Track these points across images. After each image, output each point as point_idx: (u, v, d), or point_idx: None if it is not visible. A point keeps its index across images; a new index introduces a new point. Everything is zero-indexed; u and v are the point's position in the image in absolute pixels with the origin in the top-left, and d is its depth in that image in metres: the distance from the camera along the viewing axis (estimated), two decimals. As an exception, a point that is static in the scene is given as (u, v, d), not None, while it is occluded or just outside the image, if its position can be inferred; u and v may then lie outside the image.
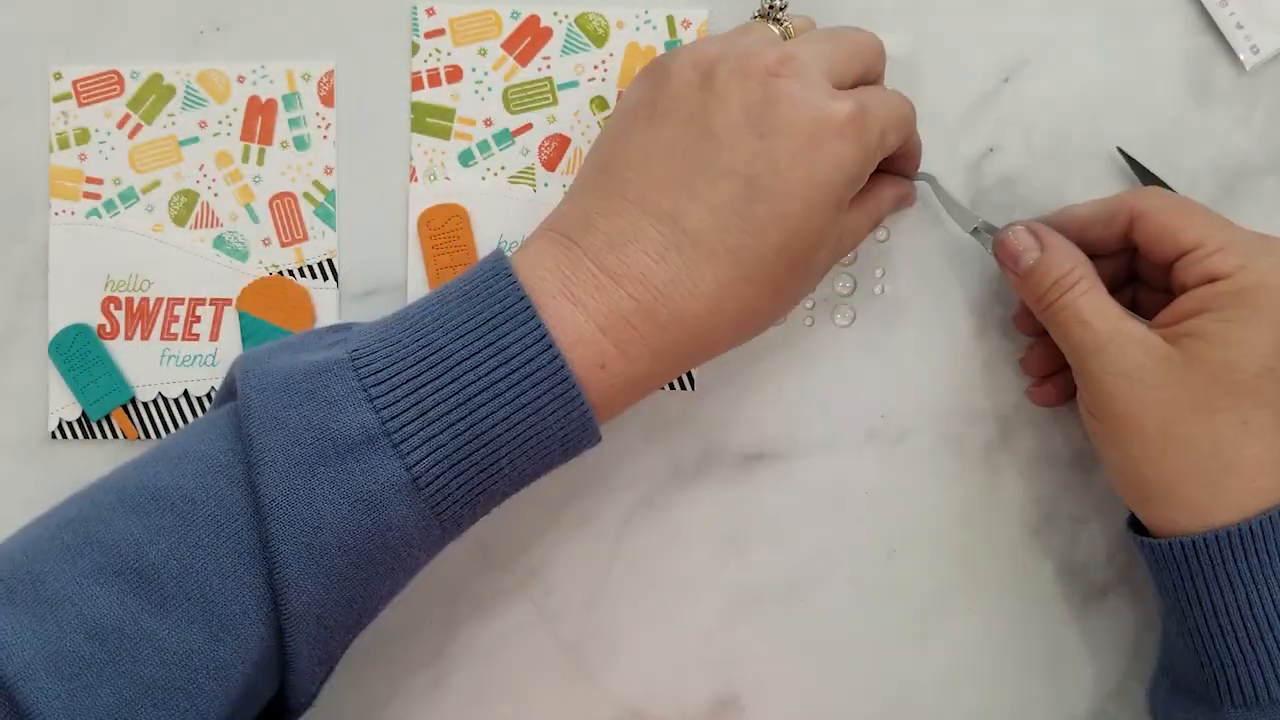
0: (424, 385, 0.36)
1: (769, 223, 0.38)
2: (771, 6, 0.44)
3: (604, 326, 0.38)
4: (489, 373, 0.37)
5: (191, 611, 0.35)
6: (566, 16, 0.48)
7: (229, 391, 0.39)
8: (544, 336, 0.37)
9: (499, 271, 0.38)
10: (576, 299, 0.38)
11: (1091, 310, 0.41)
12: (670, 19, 0.48)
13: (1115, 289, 0.45)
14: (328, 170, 0.49)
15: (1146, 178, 0.47)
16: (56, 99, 0.49)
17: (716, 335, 0.40)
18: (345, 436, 0.36)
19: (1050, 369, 0.47)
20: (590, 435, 0.39)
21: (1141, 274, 0.45)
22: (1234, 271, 0.40)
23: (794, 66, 0.39)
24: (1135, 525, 0.44)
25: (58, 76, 0.49)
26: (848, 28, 0.43)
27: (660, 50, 0.48)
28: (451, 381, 0.36)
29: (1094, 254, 0.44)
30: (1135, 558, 0.49)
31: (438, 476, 0.37)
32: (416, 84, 0.49)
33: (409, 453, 0.36)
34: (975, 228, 0.46)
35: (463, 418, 0.36)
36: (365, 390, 0.36)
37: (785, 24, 0.42)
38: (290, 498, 0.36)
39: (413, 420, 0.36)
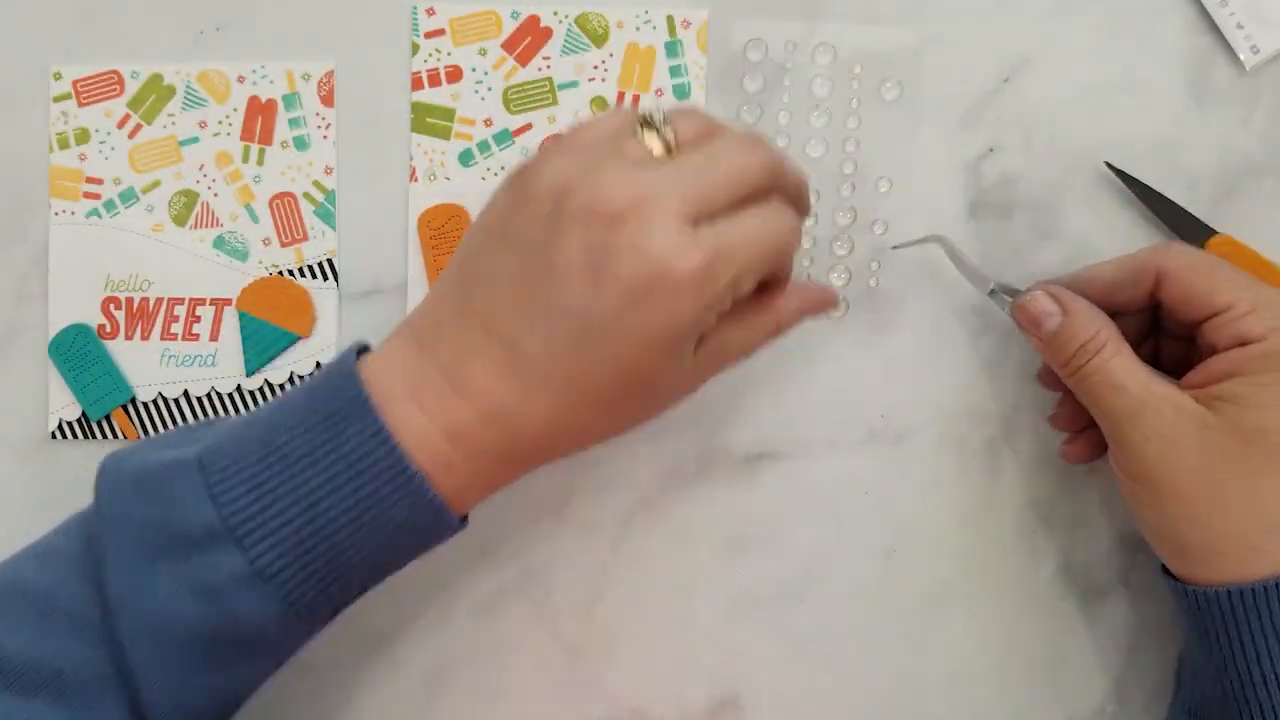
0: (266, 481, 0.38)
1: (601, 363, 0.38)
2: (647, 120, 0.39)
3: (448, 432, 0.38)
4: (328, 467, 0.38)
5: (51, 699, 0.37)
6: (566, 16, 0.48)
7: None
8: (380, 430, 0.38)
9: (343, 370, 0.39)
10: (422, 404, 0.38)
11: (1122, 374, 0.41)
12: (670, 19, 0.48)
13: (1137, 342, 0.44)
14: (328, 170, 0.49)
15: (1137, 189, 0.47)
16: (56, 99, 0.49)
17: (561, 447, 0.40)
18: (188, 532, 0.37)
19: (1081, 424, 0.46)
20: (447, 522, 0.39)
21: (1164, 326, 0.45)
22: (1267, 334, 0.40)
23: (643, 212, 0.37)
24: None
25: (58, 76, 0.49)
26: (740, 141, 0.39)
27: (660, 52, 0.48)
28: (292, 477, 0.38)
29: (1117, 313, 0.43)
30: (1135, 559, 0.49)
31: (283, 569, 0.38)
32: (416, 84, 0.49)
33: (251, 546, 0.37)
34: (992, 289, 0.46)
35: (303, 511, 0.37)
36: (209, 488, 0.38)
37: (665, 136, 0.39)
38: (135, 591, 0.37)
39: (254, 515, 0.37)
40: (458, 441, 0.38)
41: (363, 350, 0.41)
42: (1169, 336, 0.45)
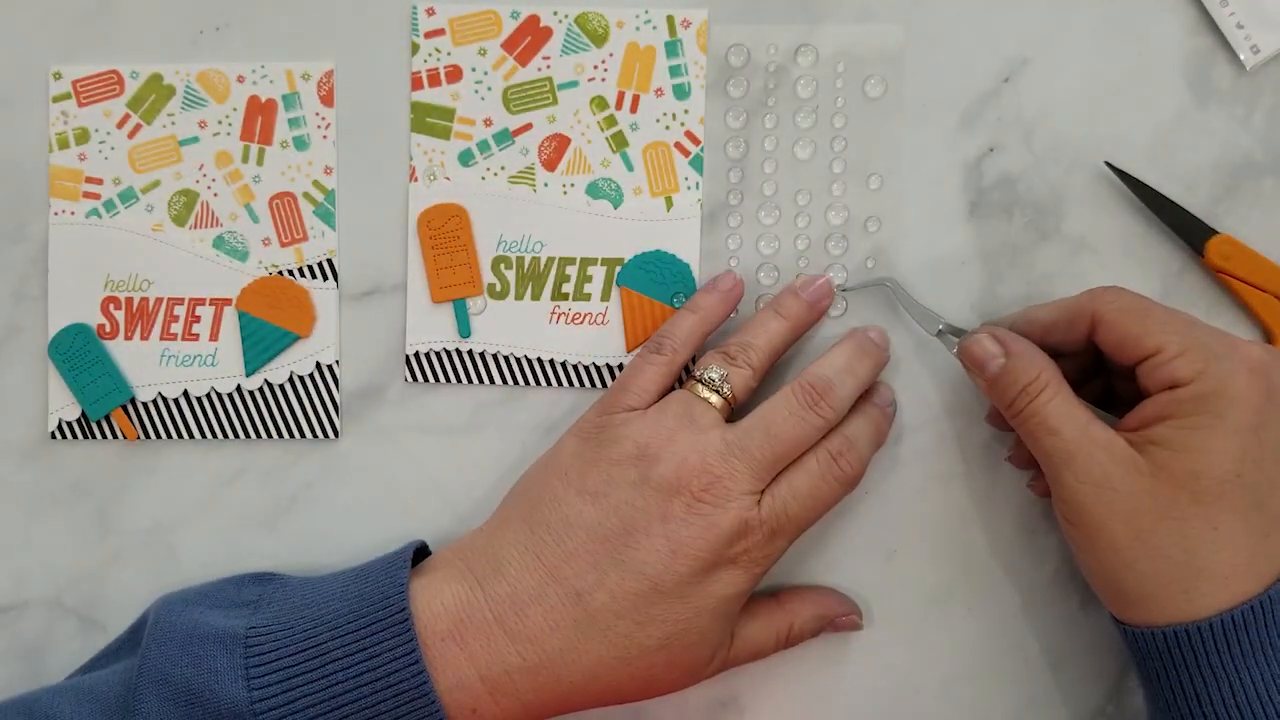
0: (299, 675, 0.40)
1: (659, 622, 0.41)
2: (705, 379, 0.44)
3: (484, 676, 0.41)
4: (358, 676, 0.40)
5: None
6: (566, 16, 0.48)
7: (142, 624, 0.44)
8: (417, 663, 0.40)
9: (395, 584, 0.41)
10: (465, 644, 0.41)
11: (1058, 417, 0.41)
12: (670, 19, 0.48)
13: (1087, 380, 0.45)
14: (327, 170, 0.49)
15: (1137, 189, 0.47)
16: (56, 99, 0.49)
17: (583, 702, 0.43)
18: (218, 708, 0.40)
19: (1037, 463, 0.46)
20: None
21: (1110, 365, 0.45)
22: (1194, 378, 0.39)
23: (720, 491, 0.42)
24: None
25: (57, 76, 0.49)
26: (799, 403, 0.43)
27: (660, 51, 0.48)
28: (324, 677, 0.40)
29: (1059, 354, 0.43)
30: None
31: None
32: (416, 84, 0.49)
33: None
34: (940, 329, 0.46)
35: (326, 714, 0.40)
36: (247, 669, 0.40)
37: (724, 394, 0.44)
38: None
39: (280, 705, 0.39)
40: (491, 684, 0.40)
41: (420, 551, 0.43)
42: (1118, 377, 0.45)
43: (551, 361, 0.49)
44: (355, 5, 0.49)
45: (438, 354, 0.49)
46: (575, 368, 0.49)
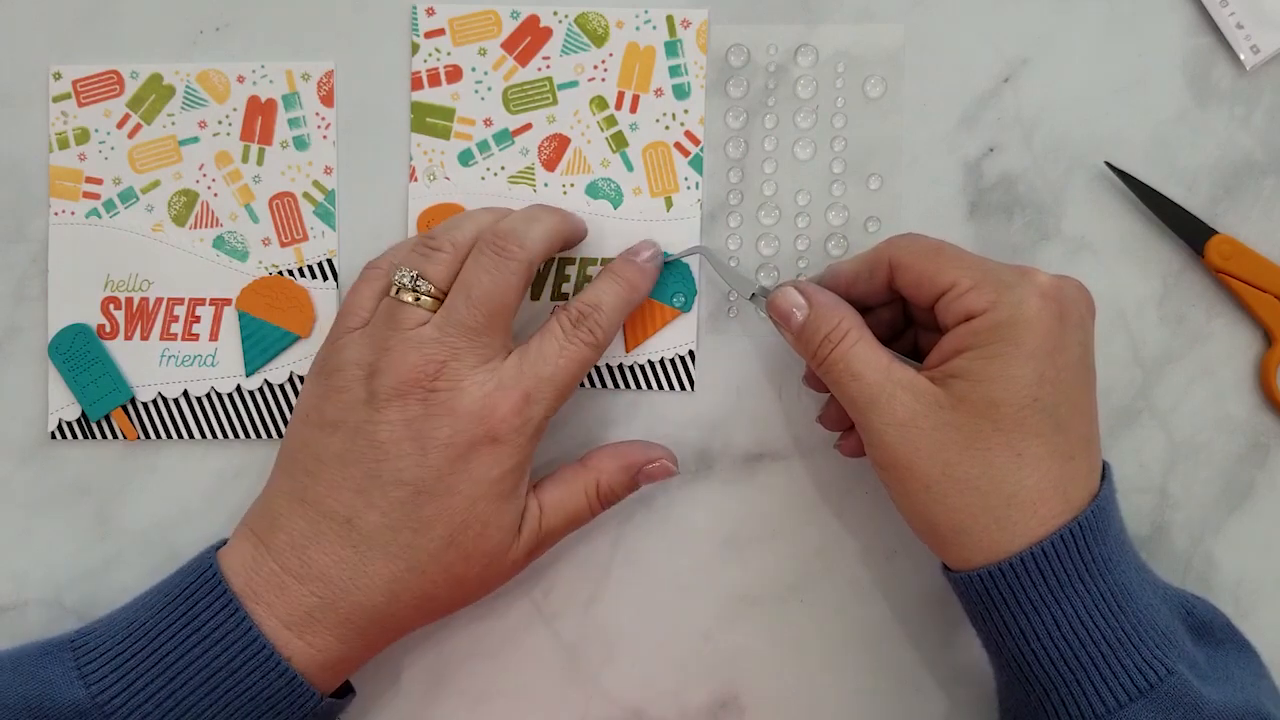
0: (130, 657, 0.41)
1: (435, 521, 0.42)
2: (397, 283, 0.43)
3: (288, 622, 0.41)
4: (185, 639, 0.41)
5: None
6: (566, 16, 0.48)
7: None
8: (231, 601, 0.41)
9: (202, 556, 0.43)
10: (260, 599, 0.41)
11: (861, 362, 0.41)
12: (670, 19, 0.48)
13: (896, 335, 0.45)
14: (327, 170, 0.49)
15: (1137, 189, 0.47)
16: (56, 99, 0.49)
17: (400, 620, 0.43)
18: (60, 715, 0.40)
19: (847, 423, 0.46)
20: (307, 696, 0.42)
21: (914, 318, 0.45)
22: (987, 307, 0.40)
23: (446, 376, 0.42)
24: None
25: (57, 76, 0.49)
26: (487, 256, 0.43)
27: (660, 51, 0.48)
28: (154, 651, 0.41)
29: (867, 306, 0.44)
30: (1135, 558, 0.49)
31: None
32: (416, 83, 0.49)
33: None
34: (754, 293, 0.46)
35: (165, 685, 0.40)
36: (80, 668, 0.41)
37: (422, 290, 0.43)
38: None
39: (120, 692, 0.40)
40: (298, 629, 0.41)
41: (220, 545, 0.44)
42: (923, 328, 0.45)
43: None
44: (355, 5, 0.49)
45: None
46: None
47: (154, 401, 0.49)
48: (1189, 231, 0.48)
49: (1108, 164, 0.48)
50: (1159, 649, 0.39)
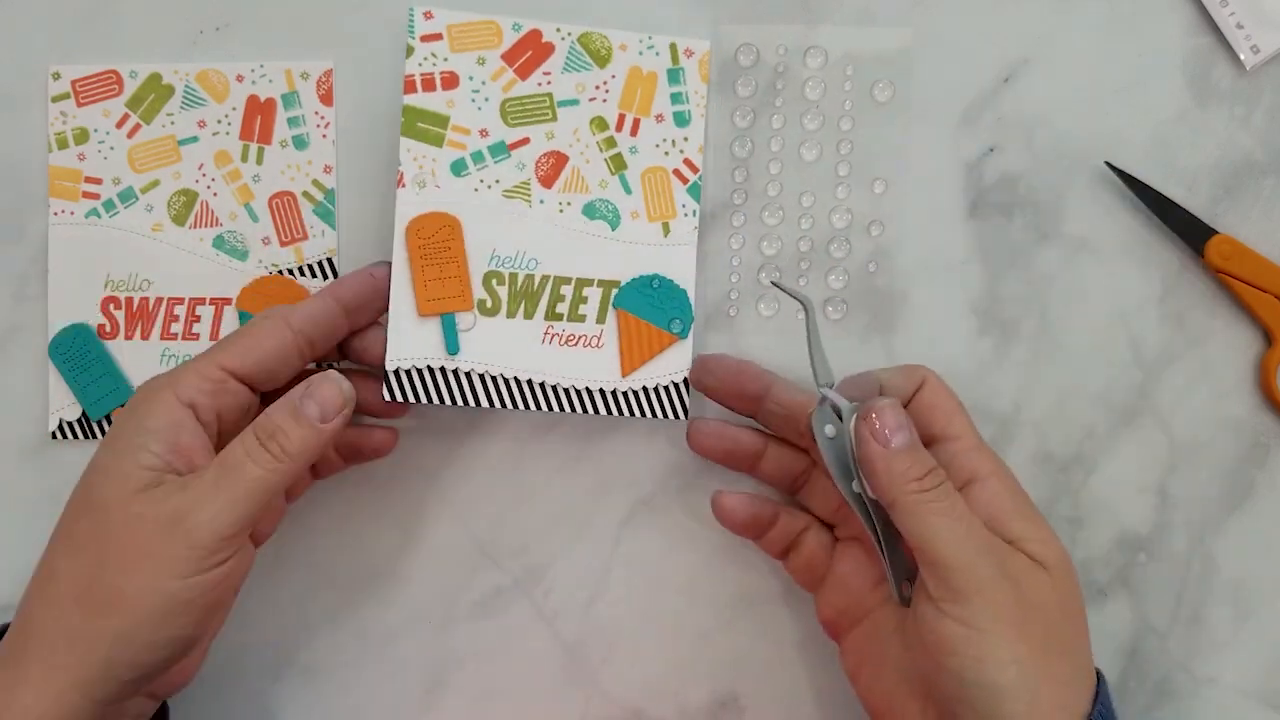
0: None
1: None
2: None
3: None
4: None
5: None
6: (569, 34, 0.48)
7: None
8: None
9: None
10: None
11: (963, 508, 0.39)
12: (674, 46, 0.48)
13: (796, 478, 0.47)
14: (327, 169, 0.49)
15: (1137, 189, 0.47)
16: (55, 99, 0.49)
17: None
18: None
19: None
20: None
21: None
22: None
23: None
24: None
25: (57, 76, 0.49)
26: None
27: (662, 78, 0.48)
28: None
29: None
30: (1135, 559, 0.49)
31: None
32: (409, 87, 0.47)
33: None
34: (830, 384, 0.42)
35: None
36: None
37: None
38: None
39: None
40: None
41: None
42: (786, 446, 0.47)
43: (542, 384, 0.47)
44: (354, 5, 0.49)
45: (420, 372, 0.47)
46: (566, 391, 0.47)
47: (154, 401, 0.49)
48: (1189, 231, 0.48)
49: (1108, 164, 0.48)
50: None
